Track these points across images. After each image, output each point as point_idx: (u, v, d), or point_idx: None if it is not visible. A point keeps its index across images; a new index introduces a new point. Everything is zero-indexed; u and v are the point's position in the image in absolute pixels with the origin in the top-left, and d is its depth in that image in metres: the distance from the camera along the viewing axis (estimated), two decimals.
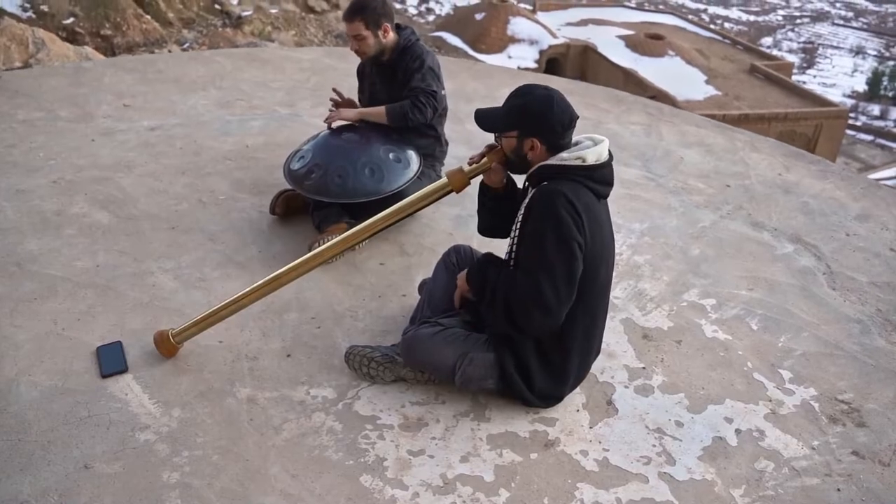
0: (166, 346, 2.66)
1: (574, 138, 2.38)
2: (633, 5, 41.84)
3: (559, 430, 2.45)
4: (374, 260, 3.34)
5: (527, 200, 2.35)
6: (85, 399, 2.49)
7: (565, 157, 2.30)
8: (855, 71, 62.46)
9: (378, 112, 3.50)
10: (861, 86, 57.98)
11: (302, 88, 5.36)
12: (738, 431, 2.48)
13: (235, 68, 5.69)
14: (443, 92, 3.59)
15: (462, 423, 2.46)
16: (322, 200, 3.37)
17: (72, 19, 11.74)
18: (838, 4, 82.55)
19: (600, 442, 2.42)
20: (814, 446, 2.44)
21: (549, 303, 2.23)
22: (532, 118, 2.31)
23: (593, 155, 2.30)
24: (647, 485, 2.26)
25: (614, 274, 2.54)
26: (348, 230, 3.21)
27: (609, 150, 2.38)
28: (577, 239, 2.23)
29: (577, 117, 2.35)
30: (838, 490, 2.27)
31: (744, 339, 2.94)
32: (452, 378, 2.48)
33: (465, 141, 4.39)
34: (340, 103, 3.64)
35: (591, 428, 2.47)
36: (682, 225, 3.77)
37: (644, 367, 2.76)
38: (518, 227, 2.36)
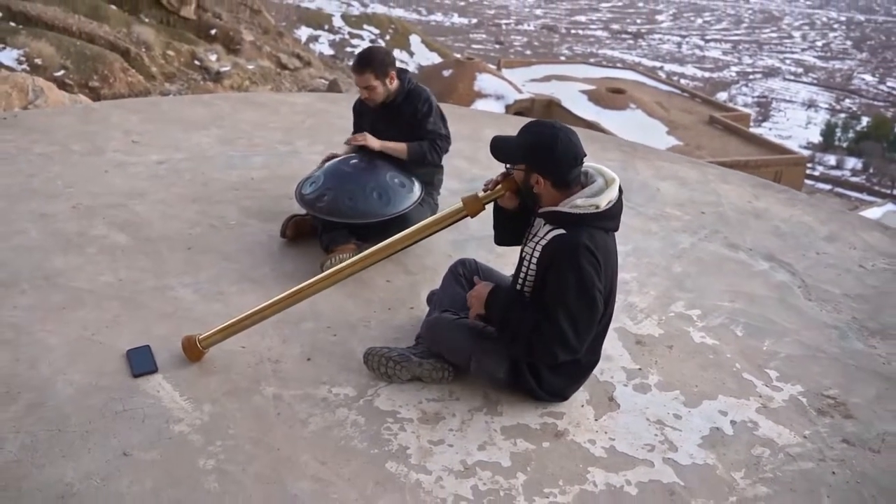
0: (193, 351, 2.81)
1: (586, 168, 2.55)
2: (593, 63, 43.19)
3: (567, 423, 2.64)
4: (381, 278, 3.54)
5: (542, 240, 2.51)
6: (119, 395, 2.62)
7: (580, 206, 2.44)
8: (809, 123, 64.79)
9: (400, 148, 3.75)
10: (816, 137, 60.13)
11: (298, 129, 5.59)
12: (733, 423, 2.69)
13: (234, 110, 5.92)
14: (449, 132, 3.88)
15: (476, 416, 2.64)
16: (332, 222, 3.58)
17: (62, 71, 11.98)
18: (788, 61, 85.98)
19: (606, 432, 2.61)
20: (805, 435, 2.65)
21: (573, 346, 2.47)
22: (537, 156, 2.48)
23: (605, 200, 2.47)
24: (654, 469, 2.46)
25: None
26: (356, 250, 3.45)
27: (620, 188, 2.58)
28: (598, 287, 2.44)
29: (584, 155, 2.51)
30: (833, 473, 2.48)
31: (730, 343, 3.18)
32: (467, 364, 2.67)
33: (455, 175, 4.62)
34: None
35: (596, 420, 2.67)
36: (663, 246, 4.03)
37: (640, 369, 2.97)
38: (533, 263, 2.53)
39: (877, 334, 3.30)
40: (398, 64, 3.83)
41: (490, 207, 2.80)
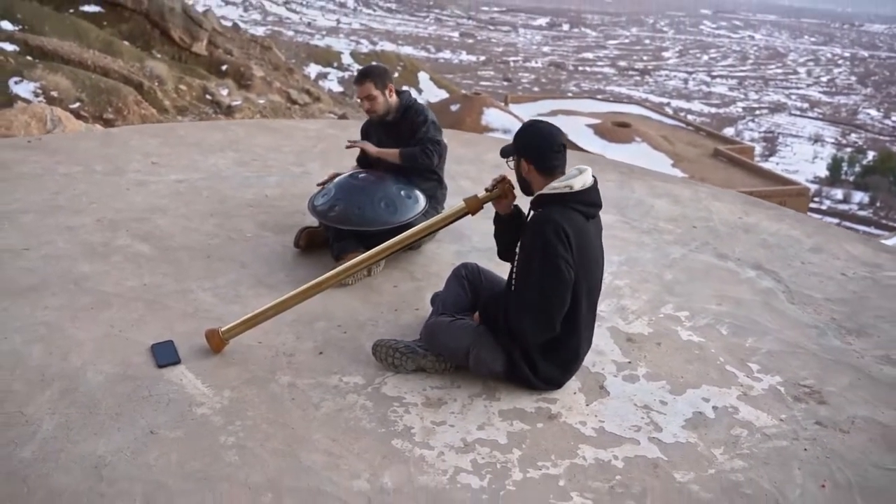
0: (215, 342, 3.05)
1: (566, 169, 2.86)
2: (600, 98, 43.83)
3: (560, 407, 2.84)
4: (388, 283, 3.77)
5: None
6: (145, 383, 2.85)
7: (556, 186, 2.78)
8: (815, 157, 65.10)
9: (393, 153, 4.05)
10: (822, 171, 60.37)
11: (310, 152, 5.87)
12: (714, 408, 2.89)
13: (249, 135, 6.22)
14: (444, 142, 4.15)
15: (476, 401, 2.85)
16: (342, 230, 3.82)
17: (78, 104, 12.38)
18: (793, 96, 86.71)
19: (596, 415, 2.81)
20: (781, 418, 2.85)
21: (545, 316, 2.72)
22: (524, 143, 2.85)
23: (579, 182, 2.78)
24: (640, 446, 2.66)
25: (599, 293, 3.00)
26: None
27: (594, 176, 2.86)
28: (563, 257, 2.68)
29: (564, 143, 2.85)
30: (805, 450, 2.67)
31: (715, 341, 3.38)
32: (466, 360, 2.89)
33: (460, 194, 4.86)
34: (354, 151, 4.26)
35: (587, 405, 2.87)
36: (655, 257, 4.25)
37: (629, 362, 3.18)
38: (518, 248, 2.83)
39: (853, 333, 3.50)
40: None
41: (490, 208, 3.06)
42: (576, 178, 2.78)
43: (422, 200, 4.00)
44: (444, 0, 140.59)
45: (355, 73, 4.16)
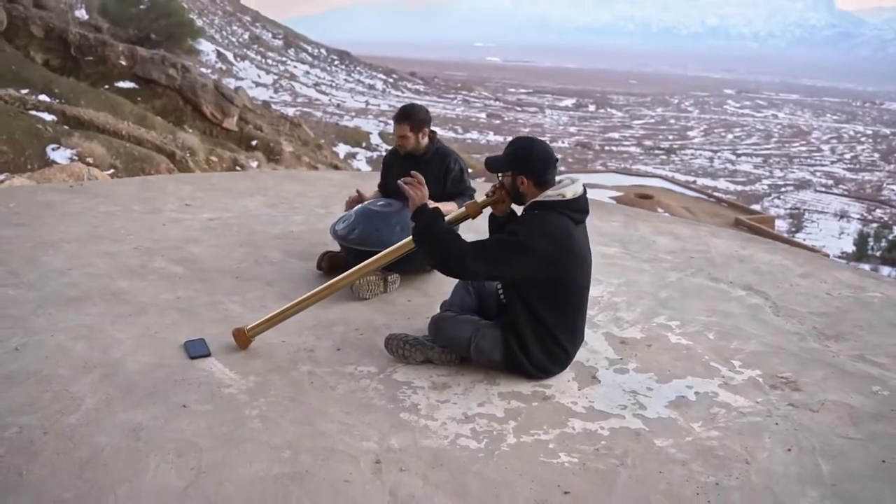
0: (242, 340, 3.37)
1: (557, 178, 3.21)
2: (624, 172, 44.55)
3: (554, 390, 3.12)
4: (402, 298, 4.10)
5: None
6: (178, 370, 3.17)
7: (550, 195, 3.11)
8: (842, 233, 64.84)
9: (452, 206, 4.21)
10: (849, 247, 59.97)
11: (335, 197, 6.29)
12: (696, 393, 3.15)
13: (277, 183, 6.68)
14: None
15: (478, 385, 3.14)
16: (361, 251, 4.17)
17: (112, 170, 13.10)
18: (818, 173, 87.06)
19: (587, 398, 3.08)
20: (758, 401, 3.09)
21: (475, 261, 3.00)
22: (519, 161, 3.16)
23: (571, 191, 3.12)
24: (625, 420, 2.91)
25: (596, 305, 3.33)
26: (381, 276, 4.04)
27: (584, 186, 3.21)
28: (535, 247, 2.98)
29: (557, 159, 3.19)
30: (776, 424, 2.91)
31: (703, 344, 3.64)
32: (468, 350, 3.19)
33: (471, 229, 5.23)
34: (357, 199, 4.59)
35: (579, 390, 3.14)
36: (652, 279, 4.55)
37: (621, 358, 3.45)
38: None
39: (832, 338, 3.74)
40: None
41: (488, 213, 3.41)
42: (568, 187, 3.12)
43: None
44: (471, 82, 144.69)
45: (396, 112, 4.46)
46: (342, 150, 60.67)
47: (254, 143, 22.85)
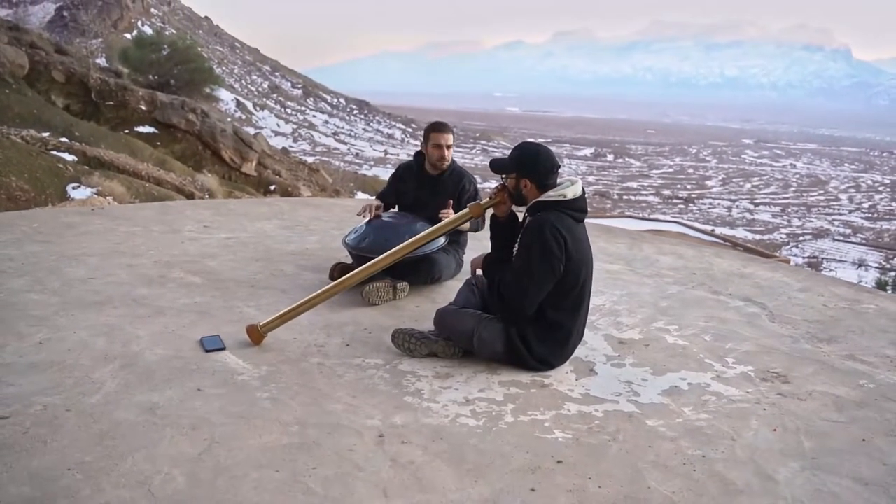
0: (255, 335, 3.54)
1: (558, 179, 3.40)
2: (639, 216, 44.64)
3: (553, 380, 3.25)
4: (411, 304, 4.26)
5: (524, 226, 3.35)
6: (194, 362, 3.33)
7: (551, 195, 3.30)
8: (860, 281, 64.18)
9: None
10: None
11: (349, 221, 6.50)
12: (689, 384, 3.27)
13: (293, 209, 6.92)
14: None
15: (479, 375, 3.28)
16: (373, 257, 4.36)
17: None
18: (836, 222, 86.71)
19: (584, 386, 3.21)
20: (748, 391, 3.21)
21: (524, 299, 3.20)
22: (524, 165, 3.35)
23: (571, 192, 3.31)
24: (618, 405, 3.04)
25: (598, 312, 3.47)
26: (390, 283, 4.22)
27: (582, 187, 3.39)
28: (556, 255, 3.17)
29: (559, 165, 3.38)
30: (764, 409, 3.02)
31: (699, 345, 3.77)
32: (471, 343, 3.33)
33: (480, 250, 5.42)
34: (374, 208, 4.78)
35: (577, 380, 3.27)
36: (654, 291, 4.69)
37: (619, 355, 3.58)
38: (517, 245, 3.34)
39: (824, 341, 3.86)
40: None
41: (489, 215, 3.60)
42: (569, 188, 3.29)
43: (441, 238, 4.54)
44: (490, 132, 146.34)
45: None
46: (360, 198, 61.36)
47: (272, 187, 23.28)
